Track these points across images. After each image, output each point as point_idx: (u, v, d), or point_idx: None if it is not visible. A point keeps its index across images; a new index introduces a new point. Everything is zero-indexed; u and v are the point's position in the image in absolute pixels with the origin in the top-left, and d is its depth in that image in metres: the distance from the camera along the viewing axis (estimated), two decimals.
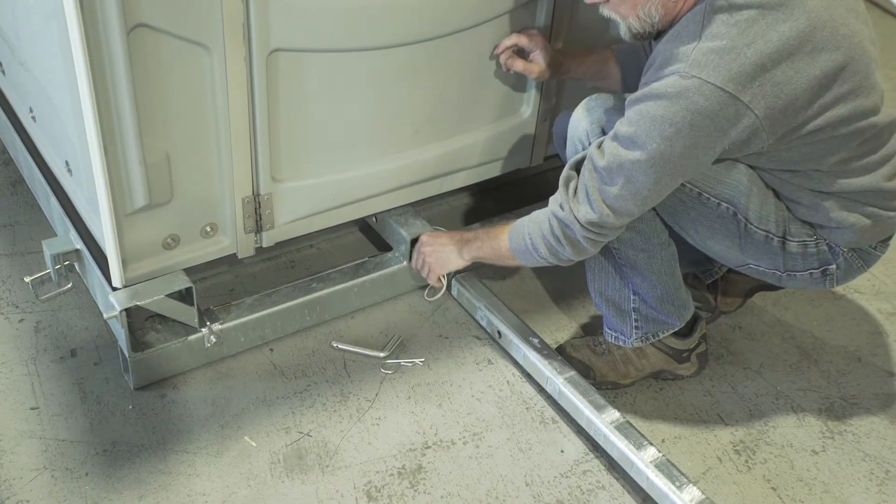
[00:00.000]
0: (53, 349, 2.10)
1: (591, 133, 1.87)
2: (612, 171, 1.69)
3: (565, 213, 1.77)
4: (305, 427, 1.96)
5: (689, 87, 1.59)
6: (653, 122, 1.62)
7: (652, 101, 1.63)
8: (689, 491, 1.77)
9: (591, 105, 1.91)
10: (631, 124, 1.66)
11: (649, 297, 1.95)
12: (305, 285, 2.19)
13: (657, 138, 1.62)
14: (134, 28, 1.64)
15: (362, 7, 1.89)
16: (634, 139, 1.65)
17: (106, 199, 1.77)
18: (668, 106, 1.61)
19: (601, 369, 2.07)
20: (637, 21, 1.73)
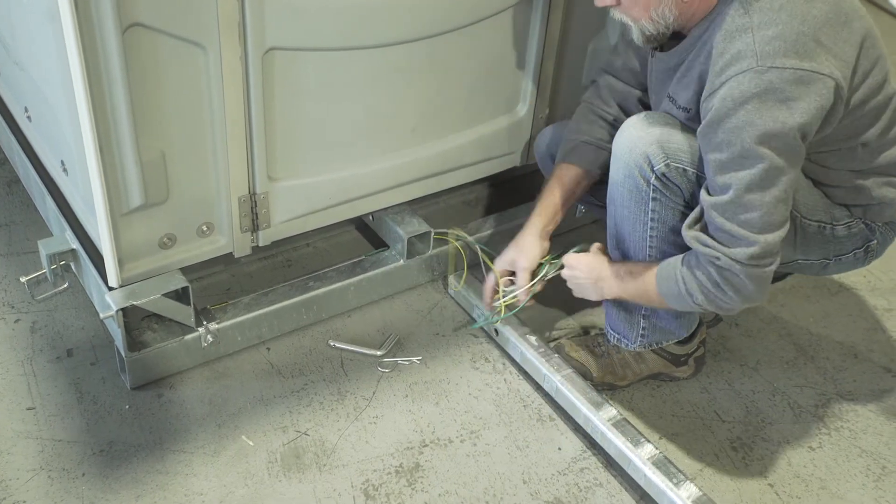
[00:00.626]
0: (50, 349, 2.10)
1: (652, 156, 1.74)
2: (742, 198, 1.61)
3: (722, 262, 1.66)
4: (303, 426, 1.96)
5: (771, 79, 1.56)
6: (754, 127, 1.57)
7: (741, 109, 1.57)
8: (686, 488, 1.77)
9: (644, 123, 1.78)
10: (732, 144, 1.59)
11: (665, 311, 1.92)
12: (302, 284, 2.19)
13: (766, 139, 1.57)
14: (129, 27, 1.64)
15: (358, 6, 1.89)
16: (746, 154, 1.59)
17: (102, 199, 1.76)
18: (760, 105, 1.57)
19: (599, 371, 2.06)
20: (650, 23, 1.70)
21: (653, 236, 1.82)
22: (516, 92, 2.31)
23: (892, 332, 2.33)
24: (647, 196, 1.77)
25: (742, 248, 1.64)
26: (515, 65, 2.26)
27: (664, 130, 1.75)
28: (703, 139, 1.66)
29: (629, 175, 1.78)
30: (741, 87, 1.57)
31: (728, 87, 1.59)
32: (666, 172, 1.73)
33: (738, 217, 1.63)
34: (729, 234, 1.64)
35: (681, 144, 1.73)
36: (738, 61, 1.59)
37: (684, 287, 1.72)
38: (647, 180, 1.75)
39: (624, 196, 1.82)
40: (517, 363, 2.12)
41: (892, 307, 2.40)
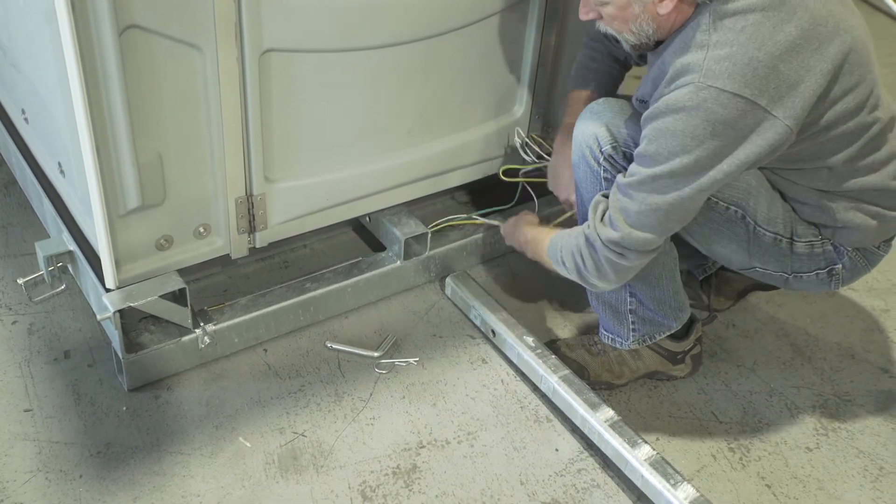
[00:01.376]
0: (47, 351, 2.10)
1: (601, 138, 1.84)
2: (633, 188, 1.68)
3: (590, 231, 1.76)
4: (300, 427, 1.96)
5: (706, 97, 1.57)
6: (673, 136, 1.61)
7: (670, 115, 1.61)
8: (683, 489, 1.77)
9: (597, 109, 1.88)
10: (650, 142, 1.64)
11: (647, 300, 1.95)
12: (299, 285, 2.19)
13: (678, 152, 1.61)
14: (126, 29, 1.64)
15: (354, 7, 1.89)
16: (655, 156, 1.64)
17: (99, 201, 1.76)
18: (687, 119, 1.59)
19: (596, 369, 2.07)
20: (632, 35, 1.73)
21: None
22: (512, 93, 2.32)
23: (889, 332, 2.33)
24: (599, 176, 1.85)
25: (608, 230, 1.73)
26: (511, 66, 2.26)
27: (615, 116, 1.84)
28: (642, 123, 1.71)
29: (582, 156, 1.88)
30: (676, 97, 1.61)
31: (669, 95, 1.62)
32: (612, 154, 1.81)
33: (621, 200, 1.71)
34: (609, 211, 1.74)
35: (631, 130, 1.80)
36: (685, 74, 1.61)
37: (560, 255, 1.85)
38: (596, 160, 1.84)
39: (579, 169, 1.90)
40: (514, 364, 2.12)
41: (888, 308, 2.41)
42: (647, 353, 2.06)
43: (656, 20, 1.68)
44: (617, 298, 1.97)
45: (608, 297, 1.98)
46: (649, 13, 1.67)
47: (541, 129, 2.42)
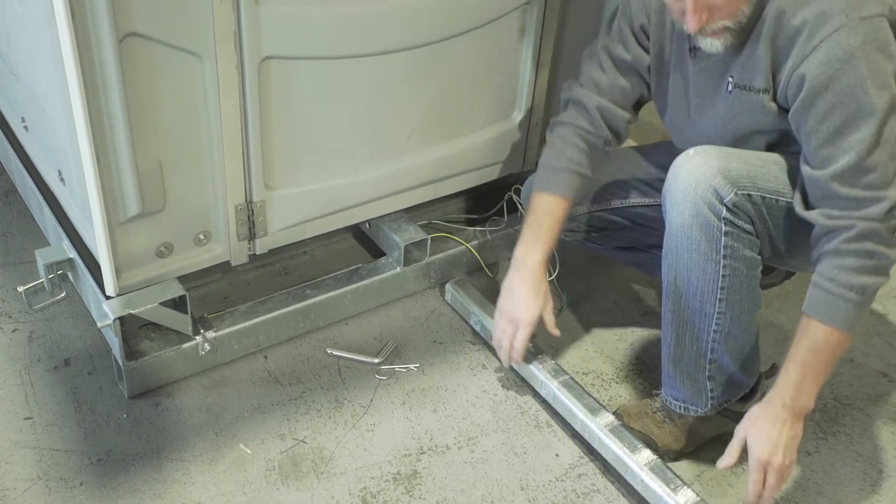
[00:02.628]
0: (47, 359, 2.10)
1: (720, 188, 1.67)
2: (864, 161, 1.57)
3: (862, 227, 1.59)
4: (300, 434, 1.97)
5: (867, 30, 1.54)
6: (863, 82, 1.55)
7: (845, 68, 1.55)
8: (683, 493, 1.77)
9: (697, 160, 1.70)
10: (843, 107, 1.57)
11: (731, 363, 1.84)
12: (299, 292, 2.19)
13: (874, 92, 1.55)
14: (125, 37, 1.65)
15: (353, 14, 1.90)
16: (860, 114, 1.56)
17: (99, 208, 1.77)
18: (865, 59, 1.54)
19: (664, 439, 1.93)
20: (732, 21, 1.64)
21: (725, 275, 1.74)
22: (512, 99, 2.32)
23: (887, 336, 2.33)
24: (720, 231, 1.70)
25: (873, 208, 1.59)
26: (510, 72, 2.27)
27: (721, 160, 1.69)
28: (803, 112, 1.62)
29: (697, 214, 1.70)
30: (841, 46, 1.55)
31: (826, 48, 1.56)
32: (736, 202, 1.68)
33: (861, 180, 1.59)
34: (854, 199, 1.59)
35: (740, 170, 1.69)
36: (827, 21, 1.56)
37: (854, 294, 1.61)
38: (717, 215, 1.69)
39: (693, 238, 1.73)
40: (514, 369, 2.12)
41: (887, 312, 2.41)
42: (715, 417, 1.94)
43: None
44: (696, 366, 1.85)
45: (686, 365, 1.86)
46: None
47: (539, 135, 2.43)
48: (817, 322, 1.64)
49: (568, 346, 2.23)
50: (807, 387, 1.67)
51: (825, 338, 1.64)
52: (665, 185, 1.76)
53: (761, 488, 1.68)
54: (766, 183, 1.71)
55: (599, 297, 2.40)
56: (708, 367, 1.85)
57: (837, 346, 1.66)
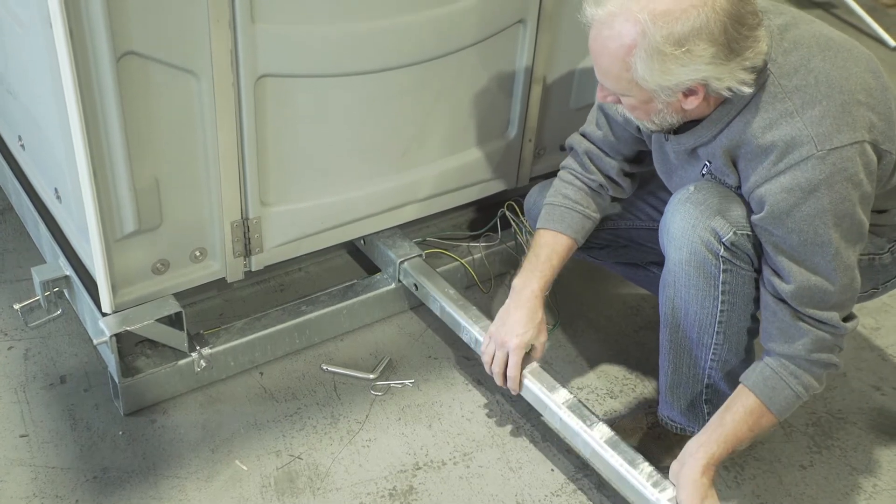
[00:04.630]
0: (43, 376, 2.10)
1: (719, 229, 1.67)
2: (820, 285, 1.62)
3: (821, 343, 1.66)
4: (296, 450, 1.97)
5: (834, 161, 1.54)
6: (824, 214, 1.57)
7: (808, 198, 1.56)
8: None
9: (697, 199, 1.71)
10: (801, 233, 1.58)
11: (727, 384, 1.83)
12: (294, 308, 2.20)
13: (833, 223, 1.57)
14: (123, 55, 1.66)
15: (349, 33, 1.91)
16: (817, 242, 1.59)
17: (95, 225, 1.78)
18: (829, 190, 1.55)
19: (658, 455, 1.95)
20: (653, 125, 1.69)
21: (723, 310, 1.75)
22: (506, 116, 2.34)
23: (880, 350, 2.35)
24: (717, 270, 1.71)
25: (832, 328, 1.65)
26: (504, 90, 2.29)
27: (720, 201, 1.69)
28: (762, 230, 1.64)
29: (694, 252, 1.71)
30: (806, 175, 1.55)
31: (790, 176, 1.56)
32: (735, 241, 1.68)
33: (820, 302, 1.63)
34: (813, 318, 1.65)
35: (739, 211, 1.69)
36: (795, 149, 1.56)
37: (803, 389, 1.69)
38: (715, 254, 1.69)
39: (690, 276, 1.74)
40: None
41: (879, 326, 2.42)
42: None
43: (680, 113, 1.64)
44: (693, 391, 1.87)
45: (684, 391, 1.88)
46: (673, 108, 1.62)
47: (533, 151, 2.44)
48: (755, 398, 1.70)
49: (562, 362, 2.24)
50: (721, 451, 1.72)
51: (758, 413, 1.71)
52: (663, 220, 1.76)
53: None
54: None
55: (593, 313, 2.41)
56: (705, 391, 1.86)
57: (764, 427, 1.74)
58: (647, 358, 2.25)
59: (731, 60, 1.53)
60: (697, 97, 1.58)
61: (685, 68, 1.52)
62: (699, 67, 1.52)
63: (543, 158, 2.49)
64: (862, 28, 4.01)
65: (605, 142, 1.96)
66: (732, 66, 1.53)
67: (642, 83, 1.56)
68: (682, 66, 1.51)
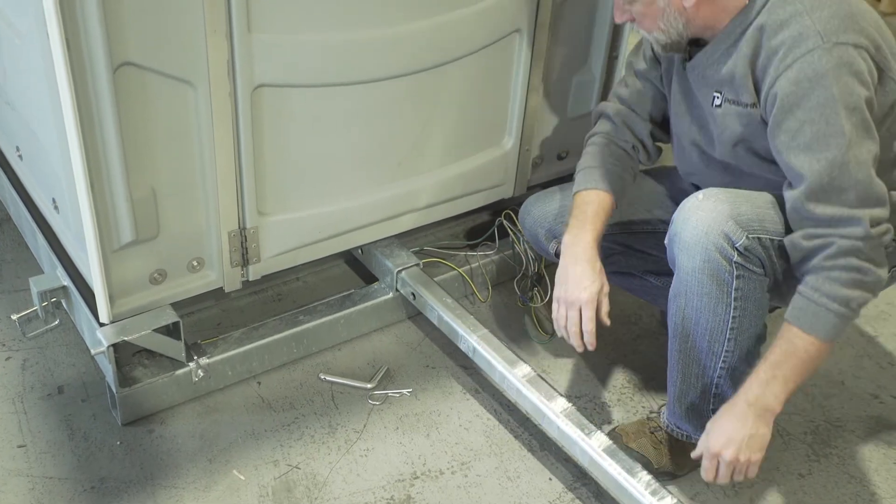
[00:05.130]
0: (40, 386, 2.10)
1: (731, 233, 1.68)
2: (835, 179, 1.59)
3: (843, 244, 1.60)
4: (294, 460, 1.97)
5: (840, 53, 1.58)
6: (832, 102, 1.58)
7: (815, 88, 1.59)
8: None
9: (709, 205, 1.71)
10: (812, 124, 1.60)
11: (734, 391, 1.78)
12: (292, 318, 2.20)
13: (844, 114, 1.58)
14: (120, 66, 1.66)
15: (345, 43, 1.92)
16: (828, 133, 1.59)
17: (93, 236, 1.78)
18: (835, 80, 1.58)
19: (660, 461, 1.95)
20: (662, 33, 1.74)
21: (735, 317, 1.75)
22: (502, 125, 2.34)
23: (878, 358, 2.35)
24: (731, 276, 1.71)
25: (852, 228, 1.61)
26: (501, 98, 2.29)
27: (731, 205, 1.70)
28: (775, 129, 1.65)
29: (708, 259, 1.70)
30: (813, 66, 1.59)
31: (797, 68, 1.60)
32: (748, 245, 1.69)
33: (835, 199, 1.60)
34: (832, 218, 1.61)
35: (750, 214, 1.70)
36: (802, 42, 1.60)
37: (837, 304, 1.62)
38: (728, 260, 1.69)
39: (703, 284, 1.73)
40: (507, 394, 2.12)
41: (877, 334, 2.42)
42: None
43: (684, 14, 1.70)
44: (702, 400, 1.87)
45: (692, 400, 1.87)
46: (675, 7, 1.69)
47: (530, 160, 2.45)
48: (797, 329, 1.65)
49: (561, 370, 2.24)
50: (774, 388, 1.66)
51: (803, 346, 1.65)
52: (673, 228, 1.77)
53: (712, 477, 1.71)
54: (775, 225, 1.72)
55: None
56: (712, 400, 1.86)
57: (815, 356, 1.66)
58: (645, 366, 2.25)
59: None
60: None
61: None
62: None
63: (541, 167, 2.50)
64: None
65: (634, 99, 2.02)
66: None
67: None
68: None
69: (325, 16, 1.87)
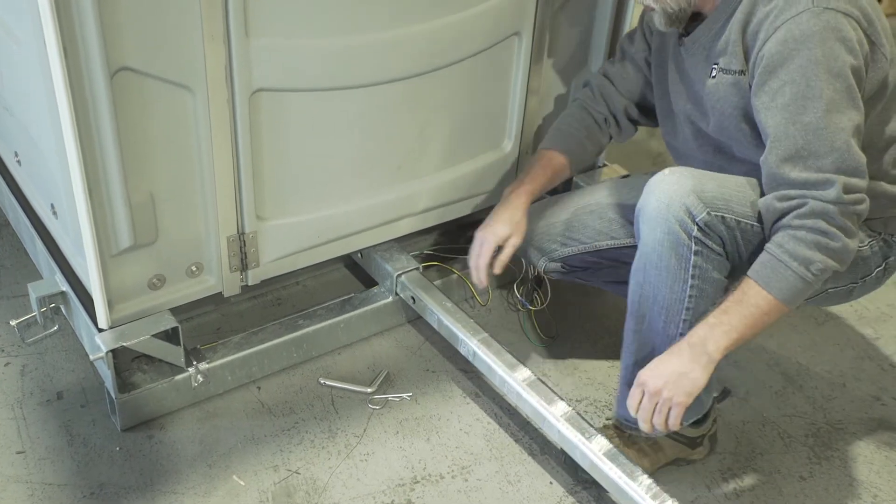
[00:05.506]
0: (40, 392, 2.09)
1: (692, 207, 1.68)
2: (811, 143, 1.59)
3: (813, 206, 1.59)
4: (294, 464, 1.96)
5: (828, 18, 1.58)
6: (815, 65, 1.58)
7: (800, 49, 1.59)
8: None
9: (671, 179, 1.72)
10: (793, 85, 1.60)
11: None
12: (292, 322, 2.19)
13: (826, 78, 1.59)
14: (117, 71, 1.66)
15: (344, 47, 1.92)
16: (808, 95, 1.59)
17: (91, 241, 1.78)
18: (821, 44, 1.58)
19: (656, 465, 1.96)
20: (668, 5, 1.74)
21: (692, 295, 1.74)
22: (502, 128, 2.34)
23: (879, 360, 2.34)
24: (689, 251, 1.71)
25: (824, 191, 1.60)
26: (500, 101, 2.29)
27: (696, 181, 1.71)
28: (758, 89, 1.66)
29: (669, 231, 1.71)
30: (800, 28, 1.60)
31: (785, 29, 1.61)
32: (708, 221, 1.68)
33: (811, 163, 1.60)
34: (806, 181, 1.61)
35: (714, 192, 1.70)
36: (793, 5, 1.61)
37: (797, 264, 1.60)
38: (688, 233, 1.69)
39: (662, 256, 1.73)
40: (507, 397, 2.12)
41: (878, 336, 2.42)
42: (666, 442, 1.95)
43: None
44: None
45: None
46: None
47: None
48: (754, 282, 1.65)
49: (561, 374, 2.24)
50: (716, 334, 1.65)
51: (755, 300, 1.64)
52: (639, 203, 1.78)
53: (635, 406, 1.72)
54: (742, 207, 1.72)
55: (590, 325, 2.40)
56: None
57: (766, 312, 1.64)
58: None
59: None
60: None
61: None
62: None
63: None
64: None
65: (617, 75, 2.09)
66: None
67: None
68: None
69: (323, 20, 1.87)
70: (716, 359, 1.66)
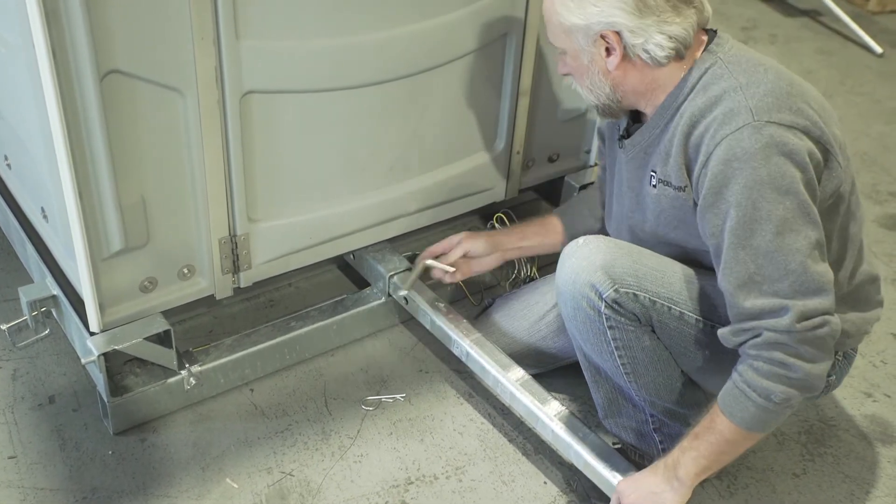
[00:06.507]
0: (31, 396, 2.09)
1: (598, 284, 1.65)
2: (763, 269, 1.51)
3: (767, 337, 1.52)
4: (287, 467, 1.96)
5: (772, 133, 1.50)
6: (761, 185, 1.49)
7: (744, 168, 1.50)
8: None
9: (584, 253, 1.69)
10: (739, 207, 1.51)
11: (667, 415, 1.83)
12: (284, 324, 2.19)
13: (774, 198, 1.50)
14: (107, 74, 1.66)
15: (334, 48, 1.91)
16: (756, 218, 1.50)
17: (82, 244, 1.77)
18: (765, 161, 1.49)
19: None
20: (590, 92, 1.69)
21: (624, 363, 1.74)
22: (493, 128, 2.34)
23: (869, 357, 2.35)
24: (603, 326, 1.69)
25: (776, 320, 1.52)
26: (491, 102, 2.29)
27: (607, 256, 1.67)
28: (705, 212, 1.57)
29: (577, 308, 1.70)
30: (741, 145, 1.51)
31: (726, 146, 1.52)
32: (616, 298, 1.65)
33: (762, 289, 1.52)
34: (761, 310, 1.53)
35: (626, 268, 1.66)
36: (732, 119, 1.53)
37: (756, 395, 1.55)
38: (597, 310, 1.67)
39: (581, 331, 1.74)
40: (500, 398, 2.12)
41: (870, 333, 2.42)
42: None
43: (609, 78, 1.65)
44: (638, 420, 1.87)
45: (626, 422, 1.89)
46: (599, 68, 1.64)
47: (521, 163, 2.44)
48: (720, 410, 1.62)
49: (554, 374, 2.23)
50: (686, 460, 1.65)
51: (721, 428, 1.62)
52: (557, 271, 1.76)
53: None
54: (658, 287, 1.67)
55: None
56: (650, 419, 1.86)
57: (732, 441, 1.62)
58: None
59: (645, 16, 1.56)
60: (617, 55, 1.61)
61: (597, 7, 1.57)
62: (612, 11, 1.56)
63: (532, 170, 2.50)
64: (848, 35, 4.03)
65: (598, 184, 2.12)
66: (648, 24, 1.57)
67: (566, 23, 1.62)
68: (595, 6, 1.57)
69: (313, 21, 1.87)
70: (687, 484, 1.66)
